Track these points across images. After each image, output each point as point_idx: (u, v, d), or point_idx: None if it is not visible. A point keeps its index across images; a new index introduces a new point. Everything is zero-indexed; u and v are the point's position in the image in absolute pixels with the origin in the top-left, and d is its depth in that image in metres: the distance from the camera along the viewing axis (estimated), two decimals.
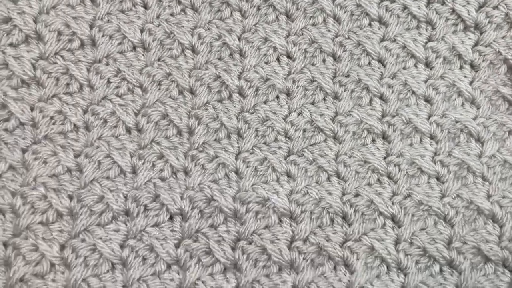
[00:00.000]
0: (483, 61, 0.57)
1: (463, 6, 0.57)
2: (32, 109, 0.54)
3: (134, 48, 0.56)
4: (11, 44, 0.54)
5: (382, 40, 0.57)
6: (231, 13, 0.58)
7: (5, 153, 0.52)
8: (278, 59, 0.57)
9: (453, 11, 0.57)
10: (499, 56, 0.57)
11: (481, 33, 0.57)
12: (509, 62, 0.54)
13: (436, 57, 0.57)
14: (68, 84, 0.55)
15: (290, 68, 0.57)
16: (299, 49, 0.57)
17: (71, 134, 0.54)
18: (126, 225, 0.52)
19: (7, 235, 0.50)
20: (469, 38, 0.57)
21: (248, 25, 0.57)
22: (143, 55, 0.56)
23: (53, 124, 0.54)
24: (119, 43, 0.56)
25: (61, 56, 0.55)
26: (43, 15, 0.55)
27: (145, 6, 0.57)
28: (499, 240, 0.52)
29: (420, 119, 0.55)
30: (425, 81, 0.56)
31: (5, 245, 0.50)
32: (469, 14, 0.57)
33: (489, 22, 0.57)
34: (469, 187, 0.53)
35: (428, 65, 0.57)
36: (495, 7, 0.57)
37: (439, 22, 0.57)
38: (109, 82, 0.55)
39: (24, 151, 0.53)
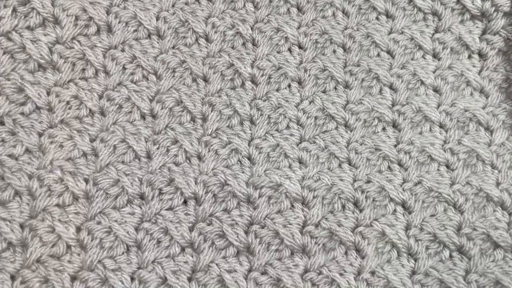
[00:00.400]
0: (491, 49, 0.58)
1: None
2: (48, 93, 0.54)
3: (149, 35, 0.57)
4: (28, 27, 0.55)
5: (390, 32, 0.58)
6: (244, 4, 0.59)
7: (21, 136, 0.53)
8: (289, 49, 0.58)
9: (458, 1, 0.58)
10: (508, 43, 0.57)
11: (489, 21, 0.58)
12: None
13: (443, 48, 0.58)
14: (84, 70, 0.55)
15: (302, 58, 0.58)
16: (310, 40, 0.58)
17: (86, 119, 0.55)
18: (141, 208, 0.52)
19: (23, 216, 0.51)
20: (477, 27, 0.58)
21: (261, 16, 0.58)
22: (157, 42, 0.57)
23: (69, 108, 0.54)
24: (135, 30, 0.57)
25: (78, 41, 0.55)
26: None
27: None
28: (508, 227, 0.53)
29: (430, 108, 0.56)
30: (434, 72, 0.57)
31: (22, 226, 0.51)
32: (473, 4, 0.58)
33: (495, 10, 0.57)
34: (479, 174, 0.54)
35: (435, 56, 0.58)
36: None
37: (445, 13, 0.58)
38: (124, 68, 0.56)
39: (40, 134, 0.53)
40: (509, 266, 0.51)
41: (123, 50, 0.56)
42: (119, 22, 0.56)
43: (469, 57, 0.58)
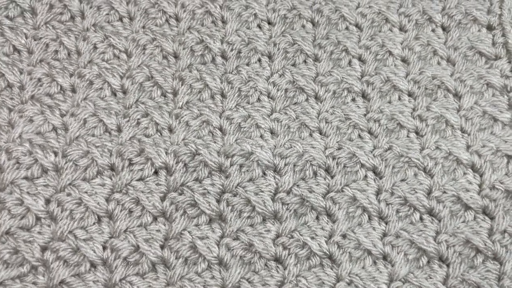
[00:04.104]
0: (452, 21, 0.59)
1: None
2: (21, 73, 0.55)
3: (120, 19, 0.58)
4: (7, 16, 0.57)
5: (358, 7, 0.60)
6: None
7: None
8: (259, 25, 0.59)
9: None
10: (467, 16, 0.59)
11: None
12: None
13: (409, 21, 0.59)
14: (56, 51, 0.56)
15: (271, 33, 0.59)
16: (278, 15, 0.59)
17: (57, 95, 0.55)
18: (111, 179, 0.52)
19: None
20: (437, 4, 0.60)
21: None
22: (129, 24, 0.58)
23: (40, 85, 0.55)
24: (107, 14, 0.58)
25: (52, 26, 0.57)
26: None
27: None
28: (479, 189, 0.53)
29: (398, 77, 0.57)
30: (401, 43, 0.59)
31: None
32: None
33: None
34: (448, 139, 0.55)
35: (402, 28, 0.59)
36: None
37: None
38: (95, 47, 0.57)
39: (10, 110, 0.53)
40: (480, 227, 0.52)
41: (95, 31, 0.57)
42: (90, 8, 0.57)
43: (433, 30, 0.60)
